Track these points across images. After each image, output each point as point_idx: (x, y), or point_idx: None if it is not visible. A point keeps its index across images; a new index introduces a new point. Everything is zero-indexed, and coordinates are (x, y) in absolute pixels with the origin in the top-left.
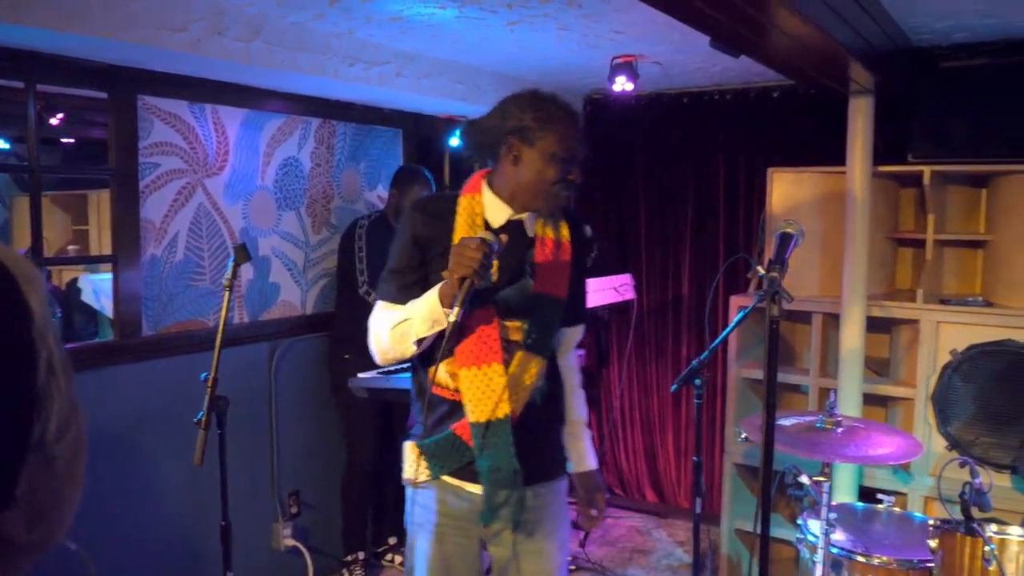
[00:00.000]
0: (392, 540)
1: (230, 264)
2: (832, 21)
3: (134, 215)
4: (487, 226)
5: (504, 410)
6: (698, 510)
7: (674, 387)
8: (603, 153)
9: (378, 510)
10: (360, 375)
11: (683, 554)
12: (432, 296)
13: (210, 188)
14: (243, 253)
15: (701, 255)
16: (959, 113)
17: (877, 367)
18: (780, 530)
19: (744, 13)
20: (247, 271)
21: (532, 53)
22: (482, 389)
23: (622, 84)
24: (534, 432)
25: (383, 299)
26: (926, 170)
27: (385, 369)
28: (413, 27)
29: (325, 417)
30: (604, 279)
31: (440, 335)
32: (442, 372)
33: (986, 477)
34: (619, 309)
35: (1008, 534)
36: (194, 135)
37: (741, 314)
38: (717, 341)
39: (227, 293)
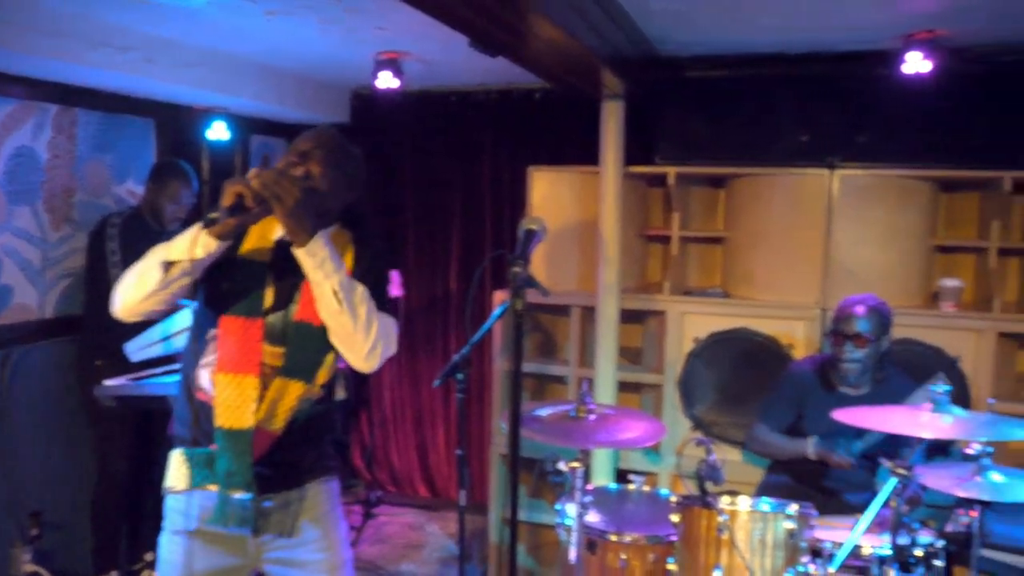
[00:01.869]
0: (149, 556)
1: None
2: (581, 28)
3: None
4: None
5: (248, 422)
6: (463, 502)
7: (437, 382)
8: (370, 150)
9: (134, 525)
10: (107, 382)
11: (455, 546)
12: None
13: None
14: None
15: (469, 251)
16: (701, 119)
17: (633, 356)
18: (544, 515)
19: (499, 16)
20: None
21: (294, 45)
22: (233, 396)
23: (387, 81)
24: (295, 444)
25: None
26: (671, 171)
27: (137, 375)
28: (165, 12)
29: (74, 429)
30: None
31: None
32: (206, 378)
33: (720, 453)
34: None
35: (738, 505)
36: None
37: (500, 309)
38: (477, 336)
39: None
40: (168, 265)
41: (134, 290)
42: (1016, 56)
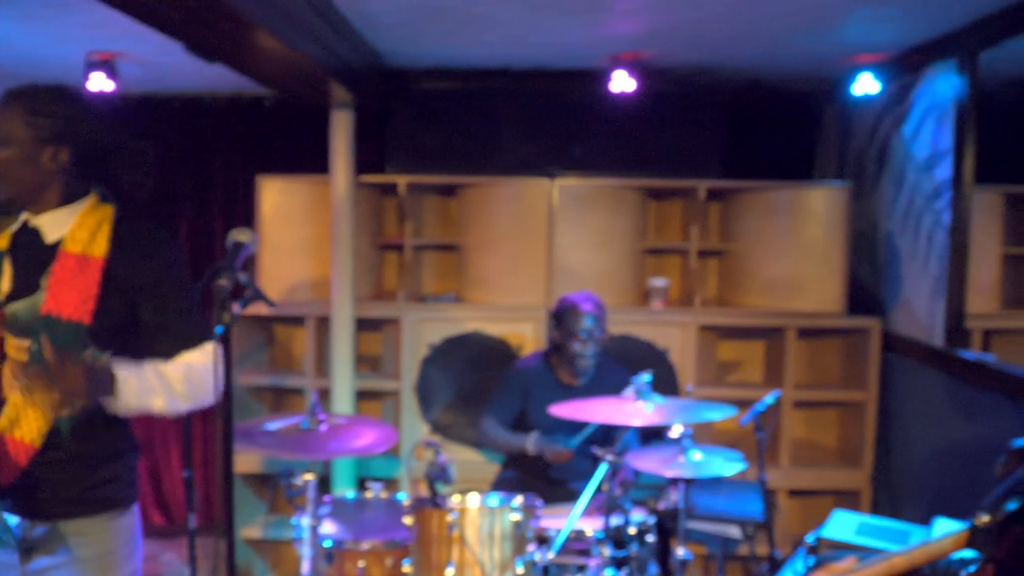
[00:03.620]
0: None
1: None
2: (303, 39)
3: None
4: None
5: None
6: (192, 525)
7: None
8: None
9: None
10: None
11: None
12: None
13: None
14: None
15: (199, 264)
16: (431, 130)
17: (373, 364)
18: (285, 531)
19: (214, 23)
20: None
21: None
22: None
23: (100, 83)
24: (61, 463)
25: None
26: (401, 181)
27: None
28: None
29: None
30: None
31: None
32: None
33: (458, 454)
34: None
35: (468, 502)
36: None
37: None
38: None
39: None
40: None
41: None
42: (711, 78)
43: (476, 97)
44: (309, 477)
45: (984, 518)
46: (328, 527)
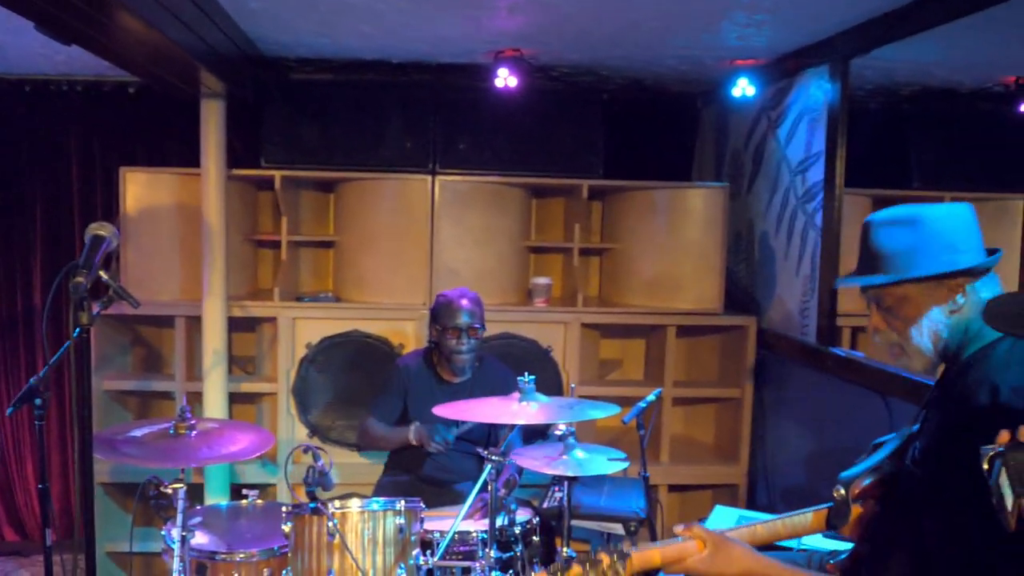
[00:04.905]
0: None
1: None
2: (170, 22)
3: None
4: None
5: None
6: (49, 541)
7: (10, 409)
8: None
9: None
10: None
11: None
12: None
13: None
14: None
15: (55, 262)
16: (309, 123)
17: (248, 365)
18: (155, 543)
19: (70, 1)
20: None
21: None
22: None
23: None
24: None
25: None
26: (277, 175)
27: None
28: None
29: None
30: None
31: None
32: None
33: (339, 457)
34: None
35: (348, 507)
36: None
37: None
38: (56, 356)
39: None
40: None
41: None
42: (593, 77)
43: (355, 89)
44: (178, 486)
45: (841, 492)
46: (200, 538)
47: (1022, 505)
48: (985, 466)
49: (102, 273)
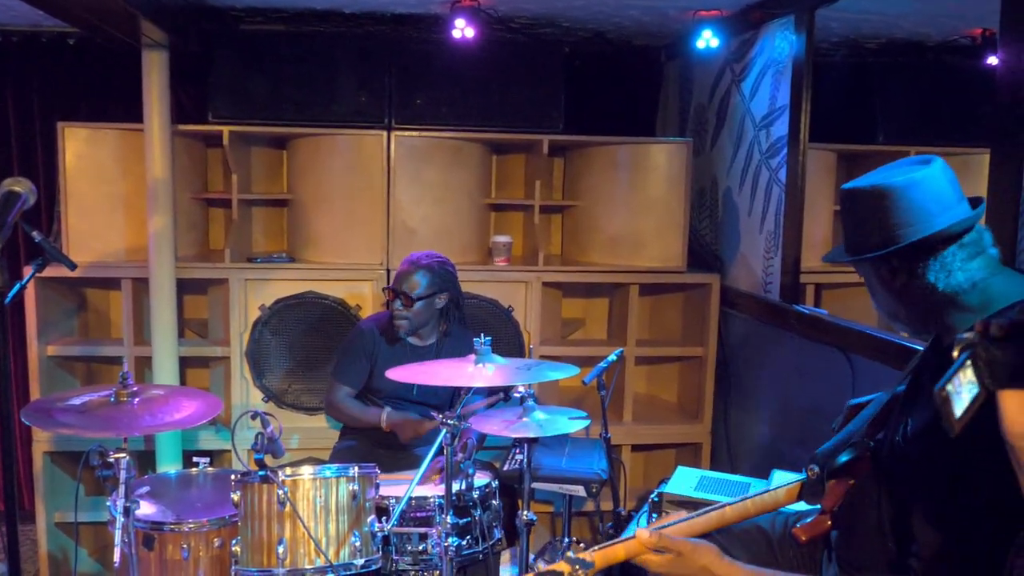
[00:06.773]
0: None
1: None
2: None
3: None
4: None
5: None
6: None
7: None
8: None
9: None
10: None
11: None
12: None
13: None
14: None
15: None
16: (258, 76)
17: (201, 328)
18: (105, 514)
19: None
20: None
21: None
22: None
23: None
24: None
25: None
26: (225, 130)
27: None
28: None
29: None
30: None
31: None
32: None
33: (294, 422)
34: None
35: (300, 475)
36: None
37: (16, 287)
38: None
39: None
40: None
41: None
42: (553, 29)
43: (306, 41)
44: (121, 455)
45: (815, 470)
46: (148, 508)
47: (973, 408)
48: (955, 353)
49: (35, 234)
